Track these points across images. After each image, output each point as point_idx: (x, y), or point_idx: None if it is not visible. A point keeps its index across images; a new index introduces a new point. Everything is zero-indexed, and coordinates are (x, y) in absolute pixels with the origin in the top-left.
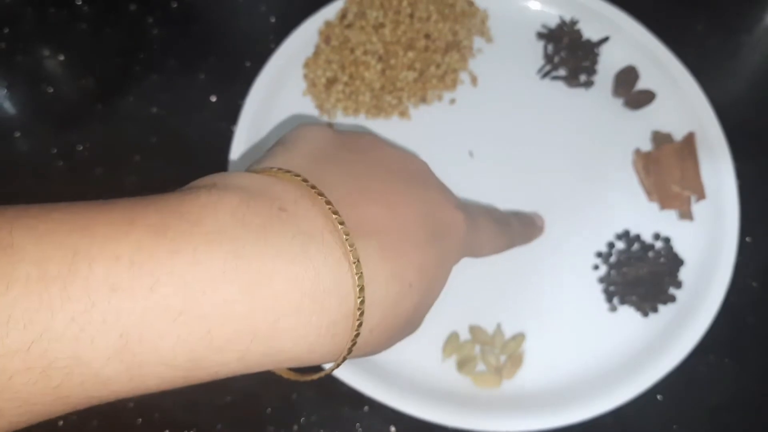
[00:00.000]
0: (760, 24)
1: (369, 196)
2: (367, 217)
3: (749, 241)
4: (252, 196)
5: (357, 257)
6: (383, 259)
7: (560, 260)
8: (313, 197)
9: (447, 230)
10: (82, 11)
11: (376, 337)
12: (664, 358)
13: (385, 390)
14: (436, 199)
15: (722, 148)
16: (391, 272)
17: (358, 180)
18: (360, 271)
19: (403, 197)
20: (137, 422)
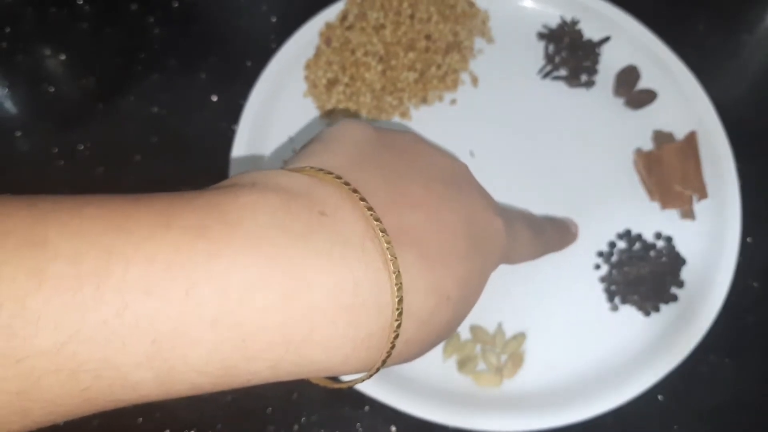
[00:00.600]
0: (762, 24)
1: (410, 201)
2: (408, 225)
3: (750, 242)
4: (293, 197)
5: (398, 268)
6: (423, 270)
7: (561, 260)
8: (354, 201)
9: (488, 239)
10: (83, 11)
11: (410, 348)
12: (664, 357)
13: (385, 390)
14: (478, 204)
15: (724, 148)
16: (431, 284)
17: (399, 183)
18: (400, 282)
19: (445, 203)
20: (138, 421)
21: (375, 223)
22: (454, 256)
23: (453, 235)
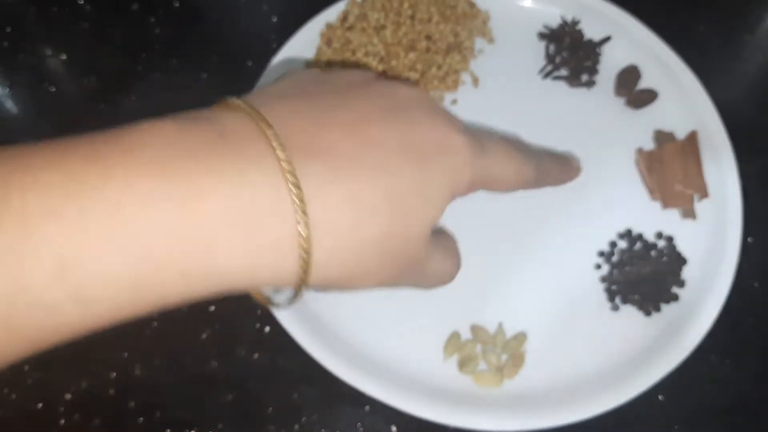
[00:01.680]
0: (762, 24)
1: (332, 122)
2: (321, 142)
3: (751, 242)
4: (192, 122)
5: (296, 178)
6: (335, 181)
7: (562, 259)
8: (256, 123)
9: (435, 154)
10: (85, 10)
11: (340, 262)
12: (665, 357)
13: (386, 389)
14: (423, 122)
15: (725, 147)
16: (345, 194)
17: (324, 111)
18: (298, 188)
19: (376, 123)
20: (138, 421)
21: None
22: (378, 168)
23: (381, 150)
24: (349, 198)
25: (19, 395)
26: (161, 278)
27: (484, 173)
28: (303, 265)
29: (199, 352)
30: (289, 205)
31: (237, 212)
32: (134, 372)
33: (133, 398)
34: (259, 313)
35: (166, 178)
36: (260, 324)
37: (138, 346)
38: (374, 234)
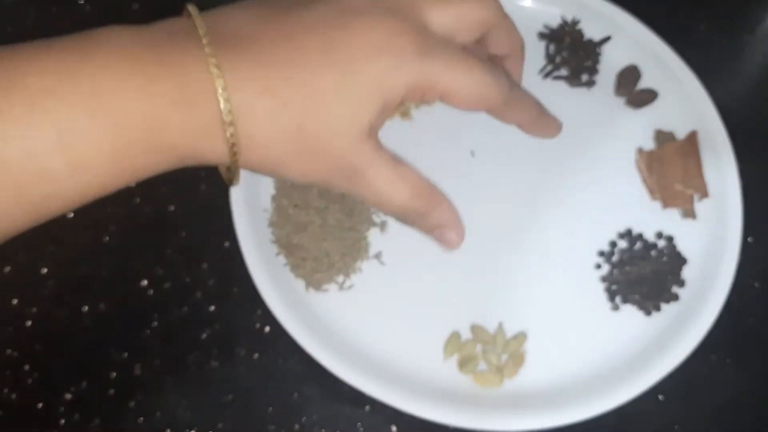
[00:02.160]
0: (763, 24)
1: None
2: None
3: (751, 241)
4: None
5: (217, 66)
6: (253, 73)
7: (562, 259)
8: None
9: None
10: (85, 10)
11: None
12: (666, 357)
13: (386, 389)
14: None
15: (725, 147)
16: (262, 85)
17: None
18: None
19: (306, 27)
20: (138, 421)
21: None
22: (298, 66)
23: (302, 51)
24: (263, 88)
25: (19, 395)
26: (132, 151)
27: (430, 78)
28: (230, 147)
29: (199, 352)
30: (213, 90)
31: (180, 96)
32: (134, 372)
33: (133, 398)
34: (259, 313)
35: (129, 66)
36: (260, 324)
37: (138, 346)
38: (288, 124)
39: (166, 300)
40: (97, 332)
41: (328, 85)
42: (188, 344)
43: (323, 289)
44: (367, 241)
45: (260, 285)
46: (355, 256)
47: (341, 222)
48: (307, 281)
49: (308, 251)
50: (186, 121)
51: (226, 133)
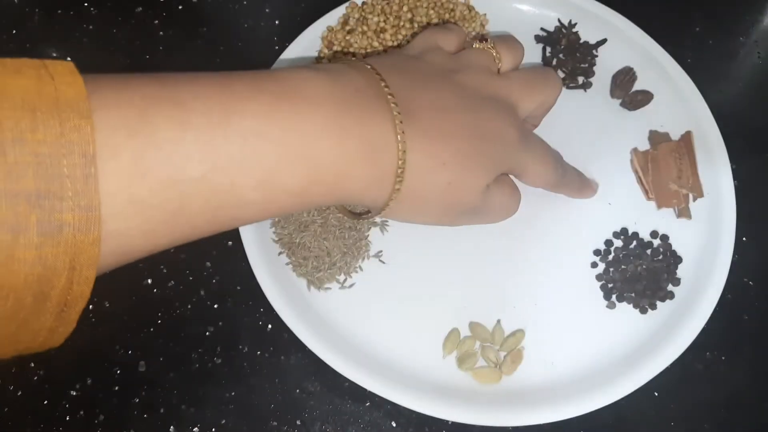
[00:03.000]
0: (757, 25)
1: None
2: (420, 111)
3: (745, 240)
4: (337, 77)
5: (403, 131)
6: (423, 139)
7: (559, 258)
8: (379, 85)
9: (492, 137)
10: (89, 12)
11: (414, 199)
12: (661, 354)
13: (386, 386)
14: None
15: (719, 148)
16: (429, 150)
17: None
18: (404, 141)
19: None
20: (143, 417)
21: (390, 98)
22: (452, 135)
23: (456, 127)
24: (429, 152)
25: (24, 392)
26: (317, 190)
27: (521, 164)
28: (392, 195)
29: (203, 349)
30: (395, 151)
31: (368, 152)
32: (138, 369)
33: (138, 395)
34: (262, 310)
35: (330, 118)
36: (263, 321)
37: (142, 344)
38: (441, 180)
39: (171, 298)
40: (102, 330)
41: (470, 153)
42: (192, 341)
43: (325, 288)
44: (367, 241)
45: (263, 283)
46: (355, 255)
47: (342, 222)
48: (308, 280)
49: (310, 250)
50: (367, 174)
51: (395, 185)
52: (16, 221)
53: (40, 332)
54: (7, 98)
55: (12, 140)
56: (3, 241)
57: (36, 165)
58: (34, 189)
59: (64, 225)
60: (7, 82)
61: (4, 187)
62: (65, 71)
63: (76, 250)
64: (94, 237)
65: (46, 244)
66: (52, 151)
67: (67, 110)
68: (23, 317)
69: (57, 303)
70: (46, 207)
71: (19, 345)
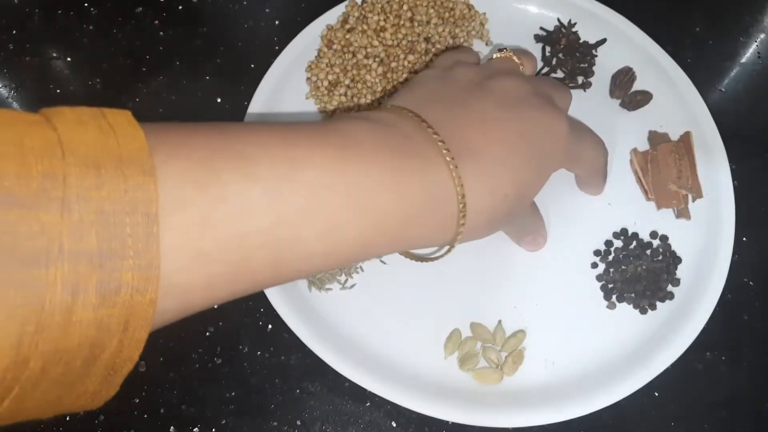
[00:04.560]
0: (756, 26)
1: (470, 127)
2: (468, 144)
3: (744, 241)
4: (387, 127)
5: (459, 176)
6: (480, 178)
7: (559, 259)
8: (424, 129)
9: (546, 146)
10: (90, 13)
11: (477, 230)
12: (661, 355)
13: (387, 386)
14: (532, 114)
15: (718, 148)
16: (488, 188)
17: (462, 115)
18: (461, 185)
19: (500, 125)
20: (143, 417)
21: (440, 144)
22: (507, 165)
23: (508, 150)
24: (489, 190)
25: None
26: (380, 242)
27: (575, 153)
28: (455, 236)
29: (203, 349)
30: (454, 196)
31: (428, 199)
32: (139, 369)
33: (138, 395)
34: (262, 310)
35: (387, 169)
36: (263, 322)
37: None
38: (503, 212)
39: None
40: None
41: (530, 178)
42: (192, 341)
43: (325, 288)
44: None
45: None
46: None
47: None
48: (309, 281)
49: None
50: (429, 221)
51: (459, 228)
52: (76, 282)
53: (82, 396)
54: (72, 152)
55: (77, 197)
56: (63, 302)
57: (99, 223)
58: (96, 248)
59: (122, 285)
60: (72, 135)
61: (69, 247)
62: (125, 122)
63: (132, 311)
64: (150, 297)
65: (104, 305)
66: (116, 208)
67: (131, 166)
68: (70, 381)
69: (105, 367)
70: (107, 267)
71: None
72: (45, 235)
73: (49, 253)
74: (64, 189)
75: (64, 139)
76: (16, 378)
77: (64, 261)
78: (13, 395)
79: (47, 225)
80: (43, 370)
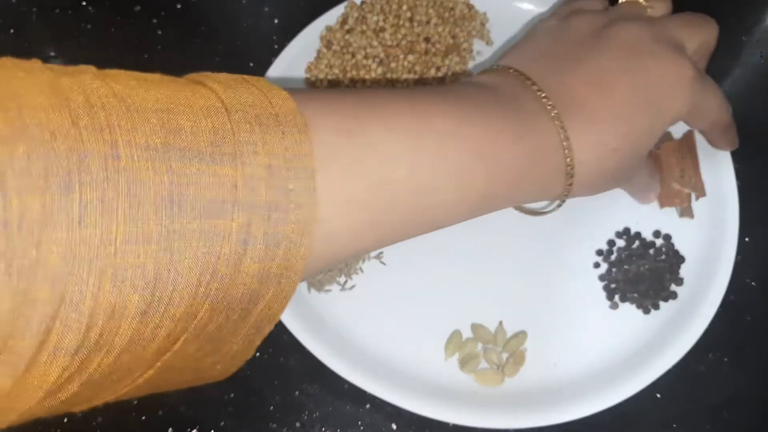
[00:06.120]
0: (760, 25)
1: (576, 80)
2: (575, 98)
3: (748, 241)
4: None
5: (564, 128)
6: (588, 131)
7: (561, 258)
8: (528, 86)
9: (666, 96)
10: (88, 12)
11: (588, 184)
12: (663, 355)
13: (387, 387)
14: (657, 70)
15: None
16: (595, 141)
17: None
18: (567, 139)
19: (615, 78)
20: (141, 419)
21: (544, 99)
22: (618, 117)
23: (621, 104)
24: (597, 143)
25: None
26: (498, 191)
27: (699, 103)
28: (564, 190)
29: None
30: (561, 150)
31: (537, 153)
32: None
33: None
34: None
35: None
36: None
37: None
38: (611, 167)
39: None
40: None
41: (642, 130)
42: None
43: (325, 290)
44: None
45: None
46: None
47: None
48: (309, 282)
49: None
50: (539, 175)
51: (566, 182)
52: (248, 233)
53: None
54: (236, 111)
55: (247, 151)
56: (236, 253)
57: (268, 177)
58: (265, 201)
59: (283, 239)
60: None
61: (242, 198)
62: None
63: (288, 264)
64: (305, 251)
65: (267, 257)
66: (279, 163)
67: (287, 124)
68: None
69: (254, 323)
70: (273, 219)
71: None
72: (223, 186)
73: (227, 204)
74: (234, 144)
75: (225, 98)
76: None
77: (240, 212)
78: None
79: (224, 177)
80: (209, 320)
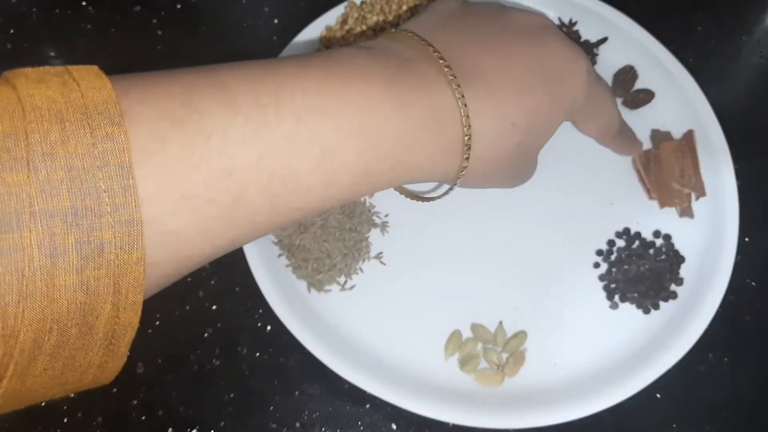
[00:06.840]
0: (760, 24)
1: (481, 48)
2: (477, 66)
3: (748, 241)
4: (380, 50)
5: (462, 95)
6: (488, 100)
7: (561, 258)
8: (425, 48)
9: (562, 75)
10: (88, 12)
11: (486, 166)
12: (663, 355)
13: (387, 387)
14: (554, 47)
15: (721, 147)
16: (494, 111)
17: (473, 37)
18: (466, 107)
19: (515, 47)
20: (141, 419)
21: (442, 62)
22: (520, 90)
23: (521, 72)
24: (496, 114)
25: None
26: (380, 168)
27: (593, 101)
28: (461, 166)
29: (202, 350)
30: (458, 118)
31: (429, 119)
32: (137, 370)
33: (136, 396)
34: (261, 312)
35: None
36: (262, 323)
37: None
38: (511, 145)
39: (169, 299)
40: None
41: (543, 109)
42: (190, 343)
43: (325, 290)
44: (368, 242)
45: (262, 285)
46: (356, 256)
47: (342, 223)
48: (309, 282)
49: (310, 252)
50: (432, 145)
51: (464, 154)
52: (53, 243)
53: (88, 369)
54: (33, 110)
55: (42, 155)
56: (42, 267)
57: (70, 180)
58: (70, 207)
59: (104, 244)
60: (31, 92)
61: (39, 207)
62: (90, 75)
63: (120, 272)
64: (138, 256)
65: (88, 266)
66: (86, 163)
67: (97, 117)
68: (69, 353)
69: (104, 334)
70: (85, 226)
71: (67, 385)
72: (13, 197)
73: (20, 216)
74: (26, 148)
75: (24, 97)
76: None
77: (37, 222)
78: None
79: (14, 186)
80: (36, 341)
